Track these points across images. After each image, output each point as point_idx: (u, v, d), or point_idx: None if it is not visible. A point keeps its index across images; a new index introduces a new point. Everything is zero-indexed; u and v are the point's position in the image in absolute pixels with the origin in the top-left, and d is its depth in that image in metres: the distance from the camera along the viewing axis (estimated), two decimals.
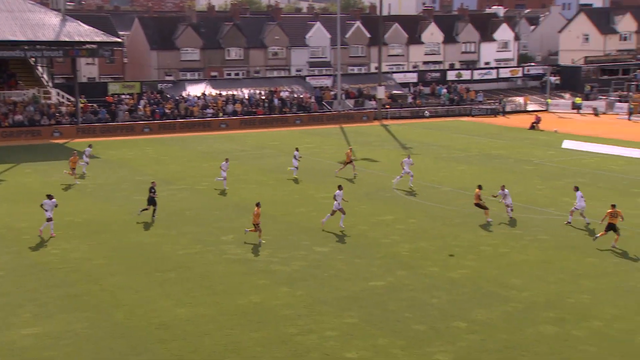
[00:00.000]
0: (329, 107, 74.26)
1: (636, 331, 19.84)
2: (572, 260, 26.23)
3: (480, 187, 32.52)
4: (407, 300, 22.43)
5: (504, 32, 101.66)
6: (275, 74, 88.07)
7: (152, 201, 32.55)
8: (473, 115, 74.71)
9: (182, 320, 21.02)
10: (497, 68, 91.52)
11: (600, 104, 74.76)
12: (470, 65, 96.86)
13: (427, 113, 72.95)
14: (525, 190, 38.37)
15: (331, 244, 28.77)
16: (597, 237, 27.95)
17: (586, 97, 77.09)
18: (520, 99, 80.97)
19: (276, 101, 72.80)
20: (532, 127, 63.42)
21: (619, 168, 43.93)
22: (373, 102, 75.07)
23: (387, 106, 74.78)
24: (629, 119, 67.58)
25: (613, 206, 28.13)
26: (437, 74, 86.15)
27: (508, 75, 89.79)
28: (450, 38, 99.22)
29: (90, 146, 46.47)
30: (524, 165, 45.17)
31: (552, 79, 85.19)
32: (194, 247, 28.37)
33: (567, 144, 52.44)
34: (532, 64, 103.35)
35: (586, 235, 29.54)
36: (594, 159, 46.96)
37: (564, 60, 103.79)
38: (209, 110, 69.49)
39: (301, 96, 74.63)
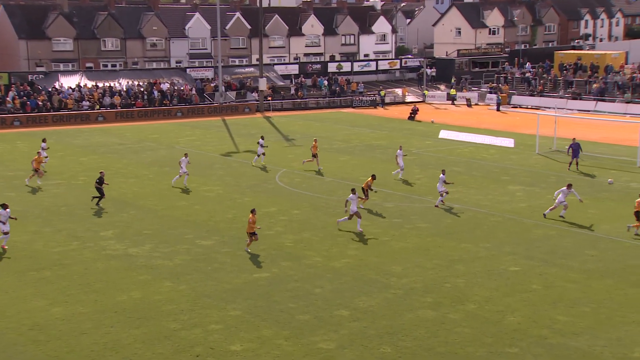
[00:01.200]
0: (211, 100, 73.52)
1: (506, 312, 20.88)
2: (448, 246, 27.25)
3: (374, 176, 33.18)
4: (292, 291, 22.64)
5: (381, 25, 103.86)
6: (154, 65, 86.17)
7: (99, 191, 33.22)
8: (354, 107, 76.02)
9: (58, 319, 20.32)
10: (376, 60, 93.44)
11: (473, 95, 77.84)
12: (350, 57, 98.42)
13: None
14: (405, 179, 39.44)
15: (215, 237, 28.58)
16: (631, 227, 28.37)
17: (451, 87, 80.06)
18: (398, 91, 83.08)
19: (156, 93, 71.33)
20: (410, 118, 65.26)
21: (491, 157, 45.95)
22: (255, 94, 74.96)
23: (269, 98, 74.87)
24: (498, 110, 70.78)
25: None
26: (318, 66, 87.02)
27: (387, 67, 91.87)
28: (330, 30, 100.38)
29: None
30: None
31: (428, 71, 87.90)
32: (70, 244, 27.45)
33: (443, 134, 54.31)
34: (409, 56, 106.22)
35: (459, 221, 30.74)
36: (468, 148, 48.87)
37: (439, 52, 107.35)
38: (86, 103, 67.19)
39: (182, 88, 73.46)
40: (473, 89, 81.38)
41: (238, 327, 19.99)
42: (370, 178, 32.99)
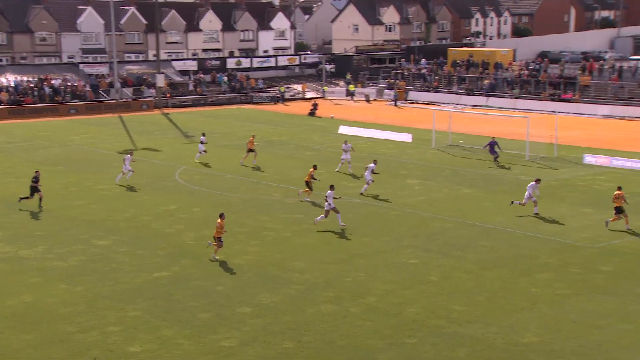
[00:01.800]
0: (106, 96, 71.52)
1: (405, 304, 21.37)
2: (349, 241, 27.59)
3: (315, 167, 33.73)
4: (193, 289, 22.37)
5: (280, 21, 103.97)
6: (44, 60, 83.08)
7: (34, 190, 32.00)
8: (254, 103, 75.76)
9: None
10: (275, 56, 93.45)
11: (372, 91, 79.06)
12: (250, 53, 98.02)
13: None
14: (305, 175, 39.61)
15: (113, 236, 27.88)
16: (609, 221, 28.50)
17: (348, 84, 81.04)
18: (298, 87, 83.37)
19: (47, 89, 68.76)
20: (311, 114, 65.65)
21: (389, 151, 46.84)
22: (152, 91, 73.49)
23: (168, 94, 73.59)
24: (396, 105, 72.24)
25: (619, 188, 28.87)
26: (217, 62, 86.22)
27: (286, 63, 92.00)
28: (228, 26, 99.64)
29: None
30: (304, 151, 46.65)
31: (328, 67, 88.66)
32: None
33: (343, 130, 54.90)
34: (308, 52, 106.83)
35: (359, 215, 31.20)
36: (367, 143, 49.60)
37: (338, 49, 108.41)
38: None
39: (75, 84, 71.12)
40: (371, 84, 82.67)
41: (137, 327, 19.58)
42: (311, 169, 33.44)
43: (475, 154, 44.35)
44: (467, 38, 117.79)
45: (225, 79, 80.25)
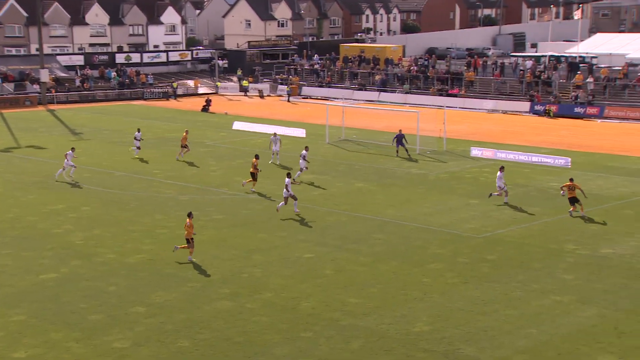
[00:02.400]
0: None
1: (301, 298, 21.52)
2: (244, 237, 27.49)
3: (257, 156, 34.18)
4: (83, 291, 21.71)
5: (170, 16, 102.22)
6: None
7: None
8: (145, 99, 74.16)
9: None
10: (166, 51, 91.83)
11: (265, 86, 79.00)
12: (139, 48, 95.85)
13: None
14: (200, 172, 39.23)
15: None
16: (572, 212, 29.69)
17: (239, 80, 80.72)
18: (190, 82, 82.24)
19: None
20: (204, 110, 64.90)
21: (284, 147, 46.90)
22: (36, 86, 70.62)
23: (53, 90, 70.91)
24: (289, 101, 72.50)
25: (571, 180, 30.11)
26: (105, 57, 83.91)
27: (178, 58, 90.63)
28: (116, 20, 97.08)
29: None
30: (198, 148, 46.09)
31: (220, 62, 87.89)
32: None
33: (237, 125, 54.58)
34: (200, 47, 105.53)
35: (255, 211, 31.15)
36: (262, 138, 49.50)
37: (230, 44, 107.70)
38: None
39: None
40: (265, 80, 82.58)
41: (22, 332, 18.81)
42: (254, 159, 33.99)
43: (368, 148, 45.07)
44: (358, 34, 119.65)
45: (114, 74, 78.17)
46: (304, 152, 36.21)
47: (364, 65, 78.06)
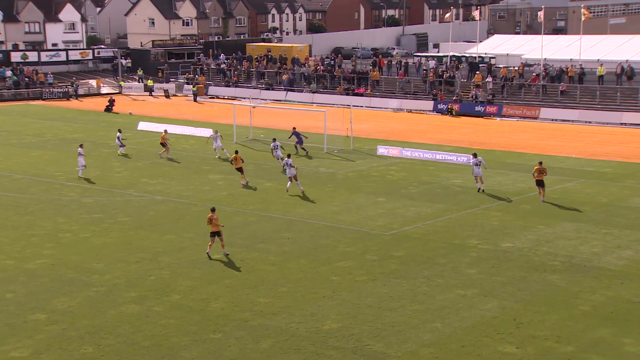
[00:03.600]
0: None
1: (210, 299, 21.31)
2: (151, 239, 27.00)
3: (237, 152, 35.85)
4: None
5: (69, 13, 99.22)
6: None
7: None
8: (44, 99, 71.69)
9: None
10: (66, 50, 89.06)
11: (171, 86, 77.77)
12: (37, 46, 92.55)
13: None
14: (104, 173, 38.25)
15: None
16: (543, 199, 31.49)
17: (140, 80, 79.26)
18: (92, 82, 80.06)
19: None
20: (107, 110, 63.32)
21: (191, 147, 46.38)
22: None
23: None
24: (195, 100, 71.67)
25: (540, 163, 32.39)
26: (0, 56, 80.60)
27: (78, 57, 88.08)
28: (10, 17, 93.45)
29: None
30: (102, 149, 44.97)
31: (123, 61, 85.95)
32: None
33: (142, 126, 53.50)
34: (102, 46, 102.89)
35: (162, 212, 30.63)
36: (169, 139, 48.67)
37: (133, 43, 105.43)
38: None
39: None
40: (171, 79, 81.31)
41: None
42: (235, 154, 35.60)
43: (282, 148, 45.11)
44: (265, 33, 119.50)
45: (10, 73, 75.23)
46: (277, 143, 39.10)
47: (271, 65, 78.03)
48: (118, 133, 43.76)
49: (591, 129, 54.03)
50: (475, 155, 34.65)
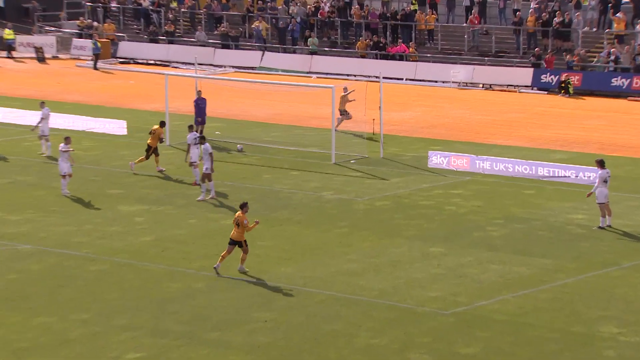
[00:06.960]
0: None
1: None
2: (10, 326, 27.23)
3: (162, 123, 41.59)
4: None
5: None
6: None
7: None
8: None
9: None
10: None
11: (49, 40, 78.22)
12: None
13: None
14: None
15: None
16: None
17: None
18: None
19: None
20: None
21: (87, 154, 46.55)
22: None
23: None
24: (95, 68, 71.89)
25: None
26: None
27: None
28: None
29: None
30: None
31: None
32: None
33: None
34: None
35: None
36: (40, 139, 49.01)
37: None
38: None
39: None
40: (49, 29, 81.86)
41: None
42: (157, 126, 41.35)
43: (244, 154, 45.34)
44: None
45: None
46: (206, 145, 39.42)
47: (234, 2, 78.21)
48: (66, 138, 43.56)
49: None
50: (602, 164, 34.40)
